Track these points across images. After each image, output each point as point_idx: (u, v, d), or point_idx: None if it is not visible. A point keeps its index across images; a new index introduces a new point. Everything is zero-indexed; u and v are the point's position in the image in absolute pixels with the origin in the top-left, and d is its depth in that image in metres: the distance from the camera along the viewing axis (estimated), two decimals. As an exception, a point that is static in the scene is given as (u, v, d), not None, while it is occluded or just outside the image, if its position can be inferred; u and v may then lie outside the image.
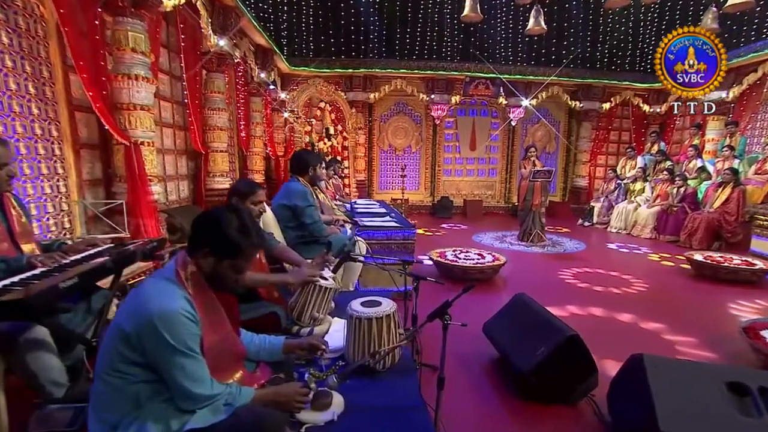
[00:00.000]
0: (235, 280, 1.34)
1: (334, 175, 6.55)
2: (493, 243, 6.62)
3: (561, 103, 10.05)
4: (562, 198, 10.60)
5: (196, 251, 1.30)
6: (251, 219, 1.36)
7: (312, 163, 3.31)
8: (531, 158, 6.64)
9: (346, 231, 3.75)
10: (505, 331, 2.65)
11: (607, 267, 5.21)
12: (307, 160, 3.32)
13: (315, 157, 3.38)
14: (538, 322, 2.40)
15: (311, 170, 3.31)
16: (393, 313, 1.96)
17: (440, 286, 2.46)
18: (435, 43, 9.90)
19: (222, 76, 5.98)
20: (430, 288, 2.77)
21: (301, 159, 3.34)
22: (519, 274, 4.91)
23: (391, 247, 3.81)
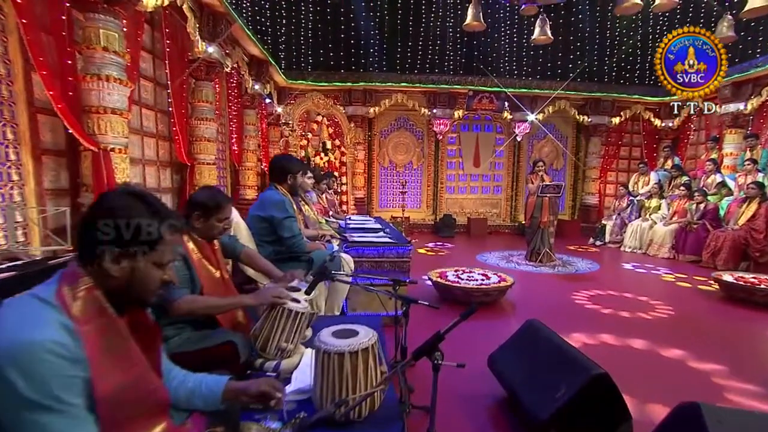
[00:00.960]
0: (161, 280, 1.04)
1: (327, 189, 6.23)
2: (498, 263, 6.22)
3: (568, 118, 9.79)
4: (571, 216, 10.21)
5: (93, 256, 0.96)
6: (158, 200, 1.05)
7: (292, 170, 2.98)
8: (539, 173, 6.30)
9: (332, 247, 3.39)
10: (515, 365, 2.24)
11: (625, 289, 4.78)
12: (286, 166, 2.99)
13: (297, 163, 3.04)
14: (556, 355, 2.00)
15: (291, 178, 2.97)
16: (372, 345, 1.57)
17: (443, 310, 2.06)
18: (437, 56, 9.73)
19: (211, 85, 5.75)
20: (430, 312, 2.42)
21: (280, 165, 3.01)
22: (528, 296, 4.49)
23: (383, 265, 3.43)
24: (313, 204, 4.58)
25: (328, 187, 6.19)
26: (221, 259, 2.11)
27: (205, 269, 1.97)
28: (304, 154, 7.86)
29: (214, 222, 1.96)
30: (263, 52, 7.09)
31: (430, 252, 7.11)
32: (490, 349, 2.57)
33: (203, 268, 1.97)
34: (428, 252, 7.11)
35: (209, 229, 1.97)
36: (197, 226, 1.95)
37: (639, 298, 4.44)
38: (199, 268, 1.93)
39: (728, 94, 7.19)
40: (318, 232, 3.62)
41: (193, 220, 1.94)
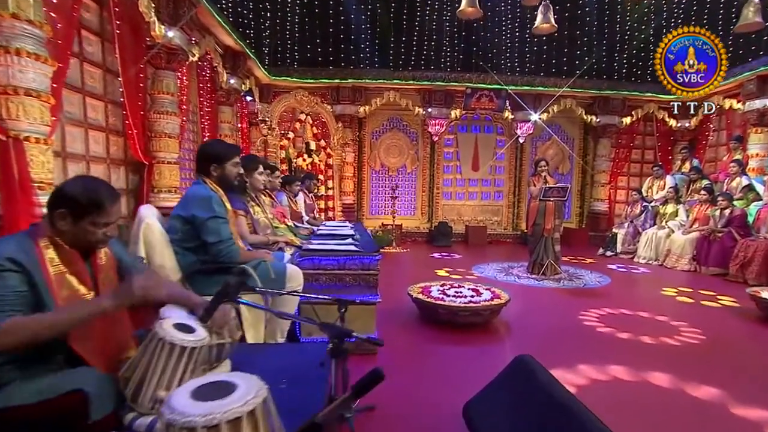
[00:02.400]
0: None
1: (308, 192, 5.69)
2: (496, 276, 5.63)
3: (575, 118, 9.25)
4: (578, 224, 9.62)
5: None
6: None
7: (218, 158, 2.42)
8: (542, 174, 5.73)
9: (282, 256, 2.83)
10: (497, 421, 1.66)
11: (641, 307, 4.17)
12: (210, 152, 2.44)
13: (226, 149, 2.49)
14: (555, 412, 1.42)
15: (215, 168, 2.40)
16: (250, 412, 1.00)
17: (424, 334, 1.52)
18: (432, 52, 9.25)
19: (174, 75, 5.24)
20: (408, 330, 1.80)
21: (203, 152, 2.45)
22: (527, 316, 3.90)
23: (345, 279, 2.87)
24: (279, 207, 4.04)
25: (308, 190, 5.66)
26: (107, 277, 1.54)
27: (67, 288, 1.42)
28: (285, 155, 7.35)
29: (86, 226, 1.39)
30: (239, 43, 6.62)
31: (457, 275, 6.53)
32: (471, 388, 1.99)
33: (65, 287, 1.41)
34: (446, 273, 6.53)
35: (81, 234, 1.41)
36: (62, 228, 1.39)
37: (658, 318, 3.84)
38: (55, 287, 1.37)
39: (753, 90, 6.61)
40: (269, 238, 3.07)
41: (56, 219, 1.39)
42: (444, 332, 3.36)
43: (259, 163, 3.19)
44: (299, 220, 5.09)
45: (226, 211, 2.40)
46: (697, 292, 4.90)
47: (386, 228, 8.12)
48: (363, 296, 2.90)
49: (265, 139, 7.07)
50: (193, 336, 1.43)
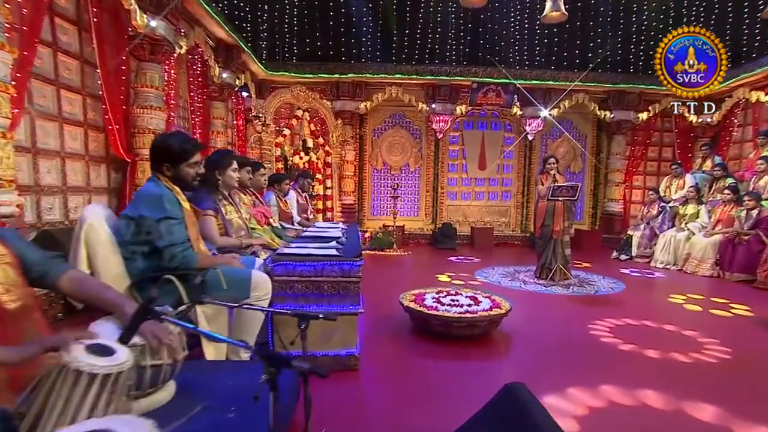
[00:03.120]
0: None
1: (301, 192, 5.45)
2: (500, 281, 5.32)
3: (588, 114, 8.89)
4: (591, 226, 9.25)
5: None
6: None
7: (180, 158, 2.18)
8: (550, 171, 5.42)
9: (252, 261, 2.58)
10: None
11: (658, 318, 3.84)
12: (166, 151, 2.19)
13: (184, 143, 2.24)
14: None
15: (169, 169, 2.16)
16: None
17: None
18: (437, 44, 8.95)
19: (159, 67, 5.05)
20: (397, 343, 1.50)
21: (159, 149, 2.21)
22: (530, 326, 3.60)
23: (322, 287, 2.60)
24: (262, 206, 3.80)
25: (302, 189, 5.42)
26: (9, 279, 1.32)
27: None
28: (281, 153, 7.13)
29: None
30: (231, 36, 6.42)
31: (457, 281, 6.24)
32: (458, 412, 1.70)
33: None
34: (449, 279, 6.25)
35: None
36: None
37: (676, 330, 3.50)
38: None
39: (782, 81, 6.23)
40: (241, 241, 2.82)
41: None
42: (437, 345, 3.08)
43: (233, 159, 2.94)
44: (289, 221, 4.85)
45: (182, 210, 2.16)
46: (710, 300, 4.54)
47: (387, 229, 7.86)
48: (343, 306, 2.63)
49: (259, 136, 6.85)
50: (108, 360, 1.19)
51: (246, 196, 3.60)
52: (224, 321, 2.24)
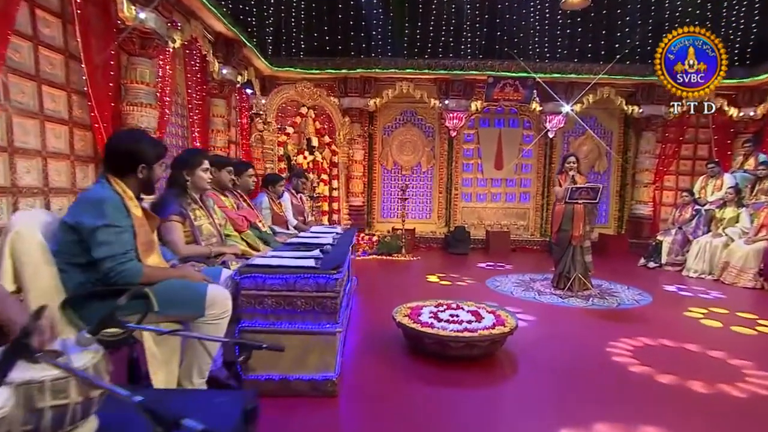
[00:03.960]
0: None
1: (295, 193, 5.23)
2: (513, 291, 4.98)
3: (613, 109, 8.42)
4: (617, 230, 8.77)
5: None
6: None
7: (155, 157, 1.99)
8: (569, 171, 5.05)
9: (218, 272, 2.35)
10: None
11: (690, 338, 3.45)
12: (136, 150, 1.97)
13: (158, 148, 2.04)
14: None
15: (143, 170, 1.97)
16: None
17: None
18: (451, 36, 8.62)
19: (151, 62, 4.90)
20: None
21: (126, 149, 1.98)
22: (540, 345, 3.27)
23: (295, 303, 2.35)
24: (245, 210, 3.59)
25: (296, 190, 5.20)
26: None
27: None
28: (283, 153, 6.94)
29: None
30: (231, 30, 6.26)
31: (444, 282, 5.94)
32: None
33: None
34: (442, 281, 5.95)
35: None
36: None
37: (713, 355, 3.12)
38: None
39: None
40: (210, 249, 2.60)
41: None
42: (432, 367, 2.80)
43: (204, 158, 2.73)
44: (284, 225, 4.63)
45: (131, 218, 1.93)
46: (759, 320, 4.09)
47: (396, 233, 7.59)
48: (319, 324, 2.38)
49: (261, 134, 6.67)
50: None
51: (227, 198, 3.39)
52: (176, 342, 2.01)
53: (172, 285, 1.97)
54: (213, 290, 2.02)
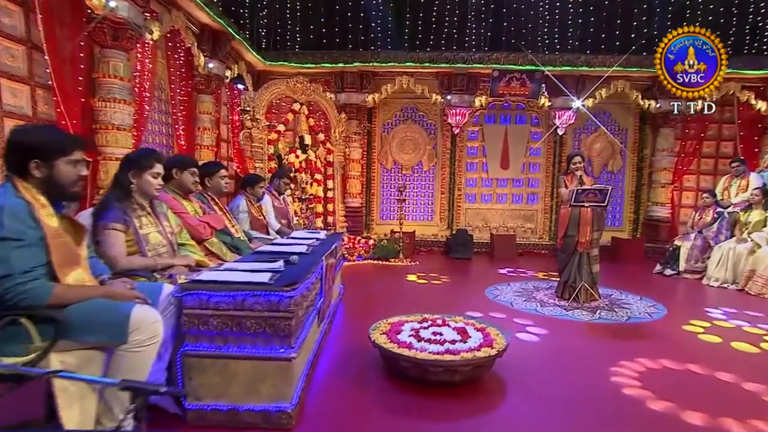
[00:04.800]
0: None
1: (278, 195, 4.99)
2: (513, 301, 4.68)
3: (629, 104, 8.05)
4: (631, 233, 8.38)
5: None
6: None
7: (56, 150, 1.75)
8: (575, 172, 4.73)
9: (158, 289, 2.11)
10: None
11: (708, 360, 3.12)
12: (31, 142, 1.75)
13: (64, 141, 1.81)
14: None
15: (38, 167, 1.74)
16: None
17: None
18: (454, 28, 8.33)
19: (125, 55, 4.70)
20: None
21: (20, 141, 1.76)
22: (535, 368, 2.97)
23: (245, 324, 2.11)
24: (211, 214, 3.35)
25: (277, 192, 4.97)
26: None
27: None
28: (274, 151, 6.71)
29: None
30: (217, 21, 6.06)
31: (421, 280, 5.66)
32: None
33: None
34: (420, 280, 5.67)
35: None
36: None
37: (735, 382, 2.79)
38: None
39: None
40: (156, 261, 2.36)
41: None
42: (410, 394, 2.53)
43: (156, 160, 2.49)
44: (263, 229, 4.40)
45: (41, 229, 1.70)
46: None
47: (394, 236, 7.32)
48: (270, 348, 2.13)
49: (249, 132, 6.45)
50: None
51: (191, 202, 3.16)
52: (95, 370, 1.78)
53: (89, 306, 1.73)
54: (139, 312, 1.78)
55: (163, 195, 3.01)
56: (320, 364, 2.91)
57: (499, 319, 3.97)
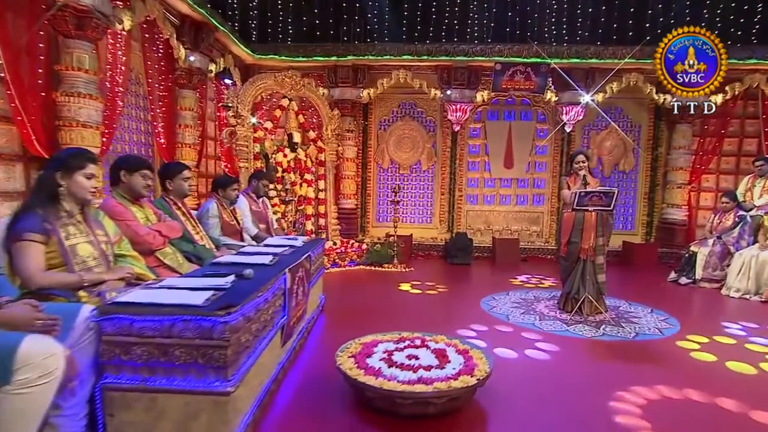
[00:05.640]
0: None
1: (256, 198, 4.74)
2: (510, 314, 4.38)
3: (642, 99, 7.71)
4: (644, 238, 8.05)
5: None
6: None
7: None
8: (579, 172, 4.42)
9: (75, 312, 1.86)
10: None
11: (727, 388, 2.80)
12: None
13: None
14: None
15: None
16: None
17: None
18: (455, 18, 8.06)
19: (89, 46, 4.48)
20: None
21: None
22: (522, 396, 2.67)
23: (172, 354, 1.85)
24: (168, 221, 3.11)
25: (256, 194, 4.72)
26: None
27: None
28: (260, 150, 6.46)
29: None
30: (197, 11, 5.84)
31: (415, 289, 5.38)
32: None
33: None
34: (413, 289, 5.39)
35: None
36: None
37: (755, 418, 2.47)
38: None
39: None
40: (82, 278, 2.11)
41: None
42: (379, 428, 2.26)
43: (89, 160, 2.25)
44: (237, 235, 4.16)
45: None
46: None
47: (389, 240, 7.05)
48: (204, 382, 1.87)
49: (232, 129, 6.22)
50: None
51: (141, 208, 2.92)
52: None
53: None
54: (29, 344, 1.53)
55: (108, 200, 2.79)
56: (282, 391, 2.65)
57: (491, 335, 3.69)
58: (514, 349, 3.40)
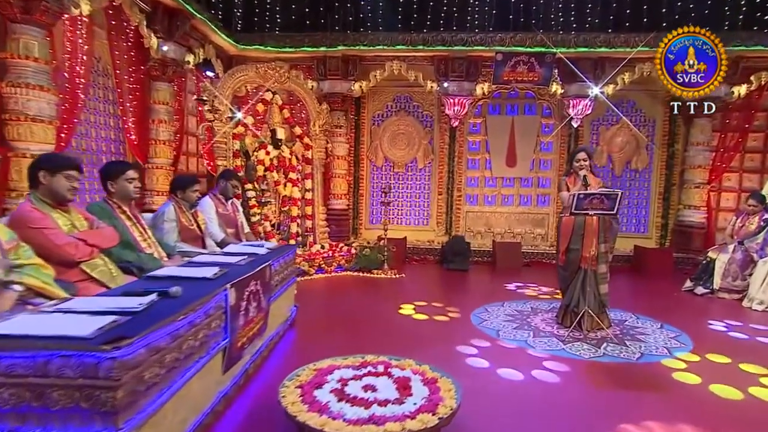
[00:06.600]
0: None
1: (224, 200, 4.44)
2: (500, 330, 4.05)
3: (656, 91, 7.36)
4: (659, 242, 7.69)
5: None
6: None
7: None
8: (579, 172, 4.08)
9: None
10: None
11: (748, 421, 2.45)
12: None
13: None
14: None
15: None
16: None
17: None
18: (454, 6, 7.74)
19: (39, 32, 4.24)
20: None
21: None
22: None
23: (49, 397, 1.56)
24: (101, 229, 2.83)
25: (224, 196, 4.43)
26: None
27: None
28: (239, 147, 6.20)
29: None
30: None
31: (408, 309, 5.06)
32: None
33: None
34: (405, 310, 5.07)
35: None
36: None
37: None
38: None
39: None
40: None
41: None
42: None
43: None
44: (198, 241, 3.88)
45: None
46: None
47: (380, 243, 6.75)
48: (87, 430, 1.58)
49: (209, 125, 5.96)
50: None
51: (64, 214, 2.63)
52: None
53: None
54: None
55: (22, 205, 2.51)
56: (223, 424, 2.36)
57: (473, 355, 3.37)
58: (500, 371, 3.07)
